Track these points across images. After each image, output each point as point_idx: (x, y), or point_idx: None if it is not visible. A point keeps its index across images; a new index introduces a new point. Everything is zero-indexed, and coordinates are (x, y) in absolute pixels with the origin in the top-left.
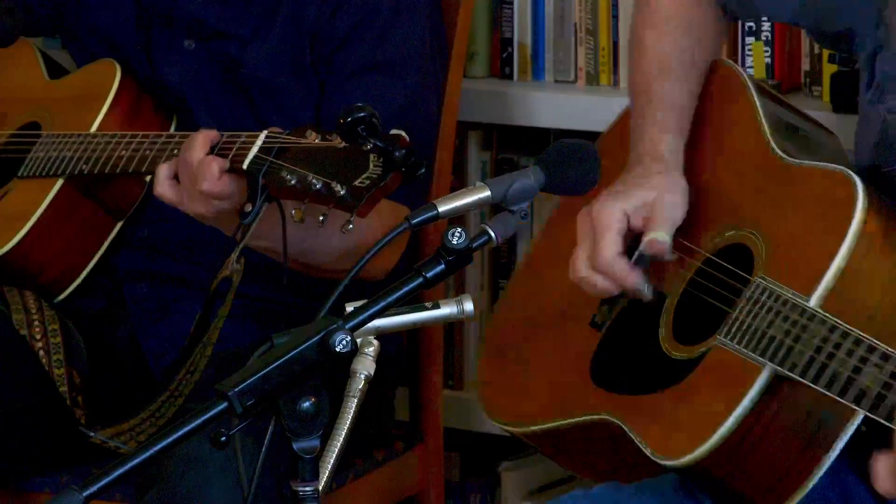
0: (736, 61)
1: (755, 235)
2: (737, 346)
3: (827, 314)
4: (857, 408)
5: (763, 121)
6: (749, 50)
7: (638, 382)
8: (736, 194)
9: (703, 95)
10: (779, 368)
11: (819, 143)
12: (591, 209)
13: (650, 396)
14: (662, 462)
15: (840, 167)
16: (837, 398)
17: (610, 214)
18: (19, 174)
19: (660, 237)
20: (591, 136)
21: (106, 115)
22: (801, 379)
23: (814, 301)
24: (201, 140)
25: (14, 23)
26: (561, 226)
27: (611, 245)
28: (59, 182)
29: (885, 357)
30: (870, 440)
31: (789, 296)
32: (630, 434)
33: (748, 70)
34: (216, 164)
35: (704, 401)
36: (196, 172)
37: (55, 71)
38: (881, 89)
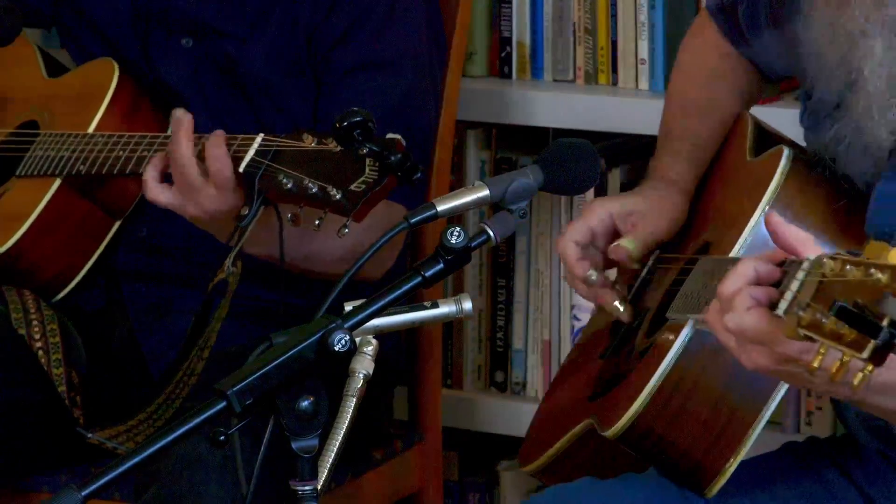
0: None
1: (715, 228)
2: (675, 314)
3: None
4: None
5: (748, 141)
6: None
7: (615, 384)
8: (717, 207)
9: (724, 143)
10: (697, 316)
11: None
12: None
13: (616, 388)
14: (605, 434)
15: (782, 145)
16: None
17: (593, 208)
18: (17, 173)
19: (623, 243)
20: (590, 135)
21: (104, 114)
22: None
23: (732, 254)
24: (184, 130)
25: (13, 22)
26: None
27: (573, 231)
28: (57, 181)
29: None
30: (853, 441)
31: (717, 260)
32: (595, 425)
33: None
34: (223, 139)
35: (641, 371)
36: (204, 155)
37: (54, 68)
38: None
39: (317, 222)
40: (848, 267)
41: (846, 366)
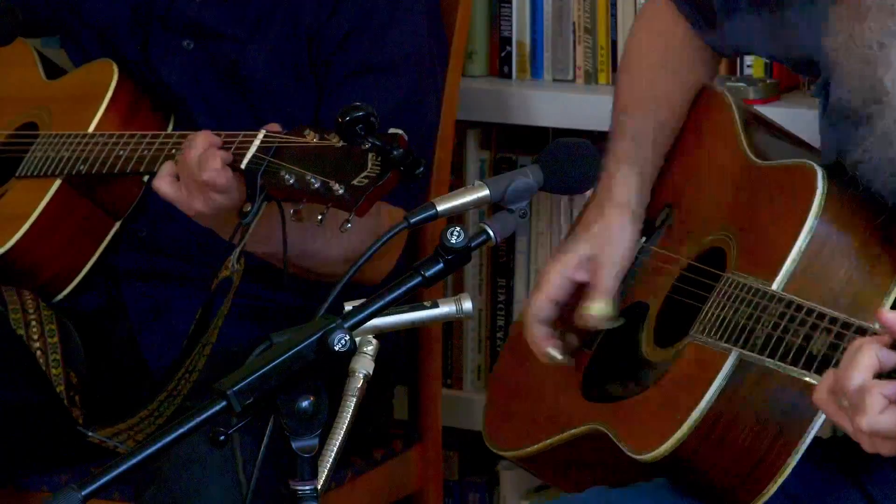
0: (735, 61)
1: (729, 237)
2: (706, 338)
3: (784, 293)
4: (806, 373)
5: (741, 132)
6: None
7: (622, 390)
8: (715, 202)
9: (689, 119)
10: (743, 351)
11: (796, 149)
12: (551, 255)
13: (631, 400)
14: (639, 457)
15: (803, 159)
16: (789, 367)
17: (547, 277)
18: (17, 174)
19: (593, 311)
20: (590, 134)
21: (103, 114)
22: (759, 356)
23: (776, 285)
24: (202, 137)
25: (13, 22)
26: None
27: (537, 311)
28: (58, 182)
29: (833, 321)
30: (855, 442)
31: (753, 283)
32: (612, 437)
33: (747, 69)
34: (220, 155)
35: (676, 394)
36: (199, 162)
37: (52, 71)
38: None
39: (319, 218)
40: None
41: None
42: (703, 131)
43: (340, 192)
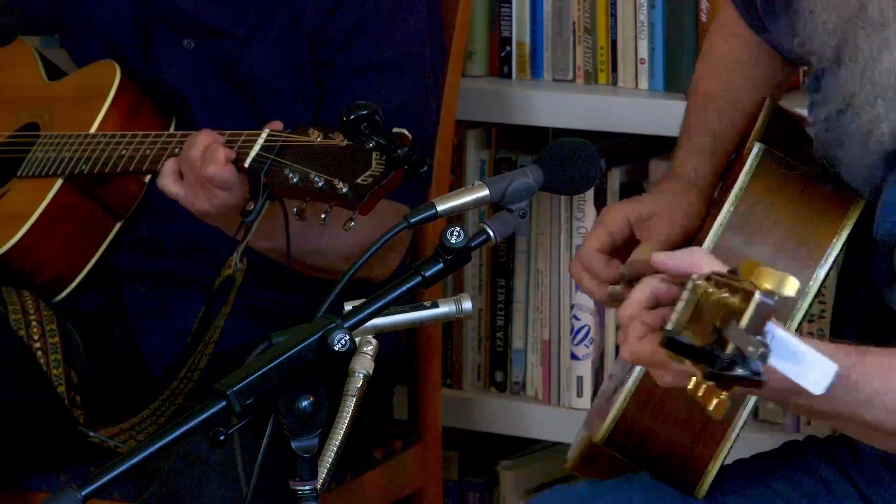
0: None
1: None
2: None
3: None
4: None
5: (758, 125)
6: None
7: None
8: None
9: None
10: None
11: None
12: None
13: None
14: (595, 440)
15: (756, 142)
16: None
17: (610, 214)
18: (18, 174)
19: (639, 255)
20: (590, 134)
21: (105, 115)
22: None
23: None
24: (205, 134)
25: (13, 22)
26: None
27: (594, 240)
28: (59, 182)
29: None
30: (851, 441)
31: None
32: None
33: None
34: (223, 151)
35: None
36: (203, 158)
37: (53, 72)
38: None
39: (322, 216)
40: (714, 289)
41: (704, 389)
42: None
43: (344, 190)
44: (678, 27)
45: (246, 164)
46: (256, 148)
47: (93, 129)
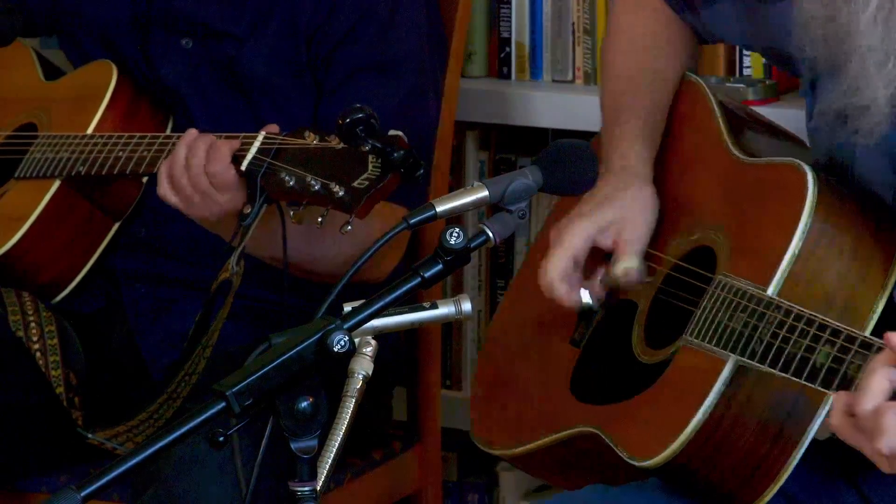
0: (734, 62)
1: (717, 236)
2: (701, 342)
3: (782, 300)
4: (811, 385)
5: (722, 126)
6: (747, 52)
7: (614, 391)
8: (699, 199)
9: (671, 110)
10: (741, 358)
11: (783, 146)
12: (557, 224)
13: (625, 403)
14: (638, 464)
15: (792, 159)
16: (793, 378)
17: (568, 235)
18: (16, 175)
19: (624, 264)
20: (589, 135)
21: (102, 115)
22: (759, 365)
23: (771, 290)
24: (203, 138)
25: (12, 23)
26: (545, 244)
27: (555, 268)
28: (57, 183)
29: (836, 333)
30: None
31: (747, 287)
32: (608, 441)
33: (745, 70)
34: (226, 147)
35: (674, 400)
36: (209, 155)
37: (51, 72)
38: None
39: (319, 220)
40: None
41: None
42: (684, 123)
43: (341, 193)
44: None
45: (243, 168)
46: (253, 151)
47: (90, 130)
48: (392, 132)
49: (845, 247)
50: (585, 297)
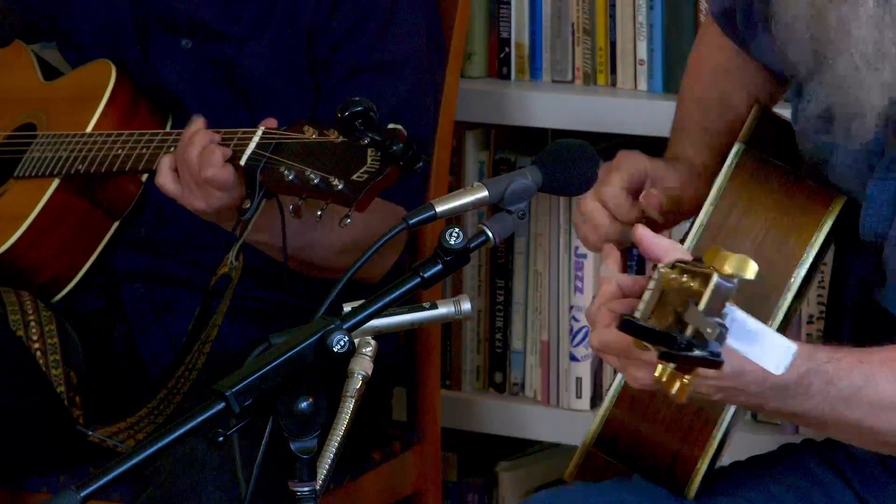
0: None
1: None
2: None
3: None
4: None
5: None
6: None
7: None
8: None
9: None
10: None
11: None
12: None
13: None
14: (584, 443)
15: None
16: None
17: (629, 159)
18: (15, 174)
19: (655, 191)
20: (589, 135)
21: (101, 115)
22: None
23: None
24: (201, 135)
25: (11, 24)
26: None
27: (616, 179)
28: (56, 182)
29: None
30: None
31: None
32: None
33: None
34: (220, 152)
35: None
36: (200, 160)
37: (50, 73)
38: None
39: (318, 213)
40: (676, 275)
41: (668, 375)
42: None
43: (340, 187)
44: (677, 28)
45: (242, 163)
46: (252, 146)
47: (89, 129)
48: (391, 126)
49: (766, 206)
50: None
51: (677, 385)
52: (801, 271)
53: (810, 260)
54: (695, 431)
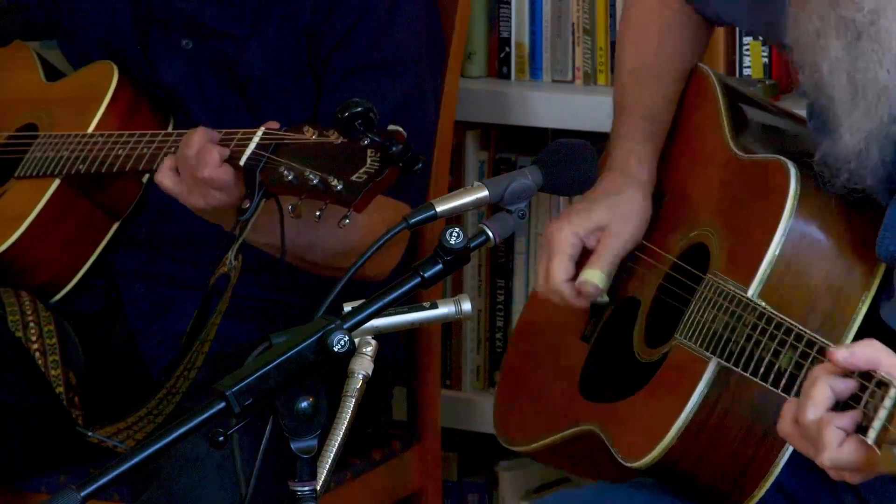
0: (734, 61)
1: (712, 233)
2: (690, 343)
3: (758, 302)
4: (775, 390)
5: (725, 121)
6: (747, 50)
7: (615, 390)
8: (699, 195)
9: (682, 100)
10: (721, 361)
11: (786, 137)
12: (550, 226)
13: (623, 402)
14: (629, 464)
15: (777, 156)
16: (761, 382)
17: (562, 238)
18: (16, 174)
19: (588, 277)
20: (589, 135)
21: (103, 115)
22: (735, 368)
23: (751, 291)
24: (199, 134)
25: (11, 23)
26: None
27: (558, 270)
28: (56, 182)
29: (799, 338)
30: None
31: (730, 289)
32: (606, 440)
33: (745, 70)
34: (217, 152)
35: (662, 400)
36: (197, 160)
37: (52, 74)
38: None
39: (318, 214)
40: None
41: None
42: (692, 117)
43: (339, 188)
44: None
45: (241, 163)
46: (252, 146)
47: (90, 130)
48: (391, 127)
49: (829, 248)
50: (603, 296)
51: None
52: (867, 300)
53: (873, 289)
54: (757, 461)
